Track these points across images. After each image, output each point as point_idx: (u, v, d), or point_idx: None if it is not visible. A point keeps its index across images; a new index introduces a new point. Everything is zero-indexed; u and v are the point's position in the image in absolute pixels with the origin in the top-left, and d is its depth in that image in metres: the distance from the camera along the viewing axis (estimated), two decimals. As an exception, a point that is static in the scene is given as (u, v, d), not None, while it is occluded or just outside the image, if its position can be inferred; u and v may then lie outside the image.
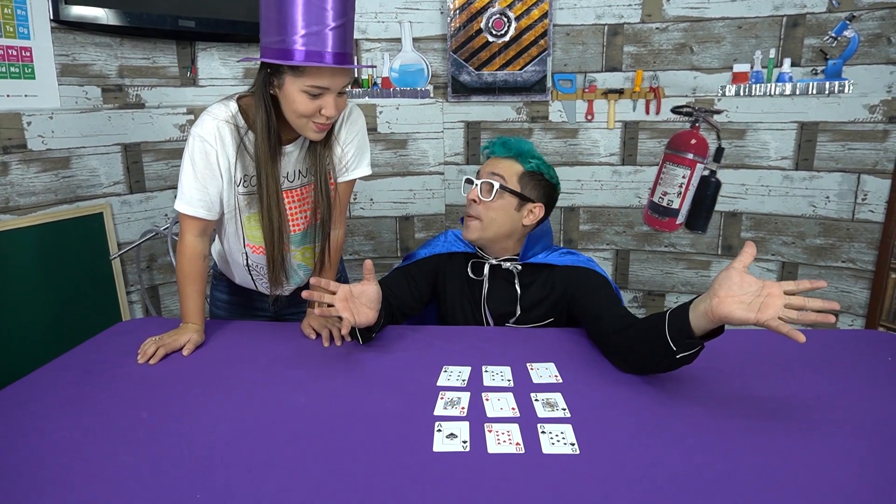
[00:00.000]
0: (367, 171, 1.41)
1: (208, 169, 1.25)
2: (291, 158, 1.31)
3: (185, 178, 1.26)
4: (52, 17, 1.93)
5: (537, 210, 1.38)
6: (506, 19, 2.39)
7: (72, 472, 0.86)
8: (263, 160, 1.23)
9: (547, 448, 0.90)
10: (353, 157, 1.37)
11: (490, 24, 2.40)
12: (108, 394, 1.09)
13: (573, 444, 0.90)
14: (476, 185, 1.37)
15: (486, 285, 1.42)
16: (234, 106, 1.26)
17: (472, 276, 1.44)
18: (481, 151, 1.49)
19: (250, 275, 1.43)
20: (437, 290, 1.50)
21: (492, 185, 1.35)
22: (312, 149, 1.30)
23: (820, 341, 1.32)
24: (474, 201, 1.36)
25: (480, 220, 1.36)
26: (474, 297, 1.44)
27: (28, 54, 1.90)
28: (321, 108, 1.16)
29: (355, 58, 2.43)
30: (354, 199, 2.59)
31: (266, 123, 1.21)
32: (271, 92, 1.19)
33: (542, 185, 1.39)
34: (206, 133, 1.23)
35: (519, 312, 1.39)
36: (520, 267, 1.40)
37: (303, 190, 1.35)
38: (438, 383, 1.11)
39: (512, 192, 1.35)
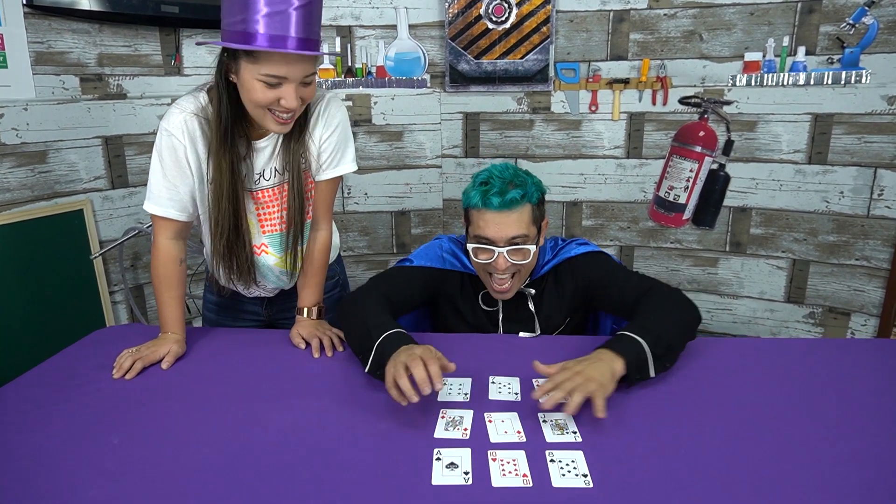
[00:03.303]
0: (350, 169, 1.29)
1: (177, 166, 1.16)
2: (264, 155, 1.22)
3: (154, 176, 1.17)
4: (24, 2, 1.81)
5: (545, 224, 1.30)
6: (506, 5, 2.28)
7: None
8: (213, 150, 1.14)
9: (557, 481, 0.81)
10: (332, 155, 1.25)
11: (490, 11, 2.30)
12: (79, 414, 1.00)
13: (585, 476, 0.82)
14: (500, 252, 1.20)
15: (503, 322, 1.35)
16: (204, 97, 1.17)
17: (484, 307, 1.36)
18: (467, 203, 1.26)
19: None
20: (433, 305, 1.42)
21: (522, 249, 1.22)
22: (286, 145, 1.20)
23: (836, 351, 1.26)
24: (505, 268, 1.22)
25: (517, 274, 1.26)
26: (485, 324, 1.36)
27: (-1, 41, 1.79)
28: (280, 99, 1.06)
29: (325, 46, 2.31)
30: (348, 193, 2.50)
31: (218, 110, 1.12)
32: (230, 79, 1.10)
33: (543, 200, 1.29)
34: (173, 127, 1.14)
35: (539, 332, 1.32)
36: (533, 291, 1.32)
37: (278, 189, 1.25)
38: (439, 398, 1.03)
39: (537, 235, 1.26)
